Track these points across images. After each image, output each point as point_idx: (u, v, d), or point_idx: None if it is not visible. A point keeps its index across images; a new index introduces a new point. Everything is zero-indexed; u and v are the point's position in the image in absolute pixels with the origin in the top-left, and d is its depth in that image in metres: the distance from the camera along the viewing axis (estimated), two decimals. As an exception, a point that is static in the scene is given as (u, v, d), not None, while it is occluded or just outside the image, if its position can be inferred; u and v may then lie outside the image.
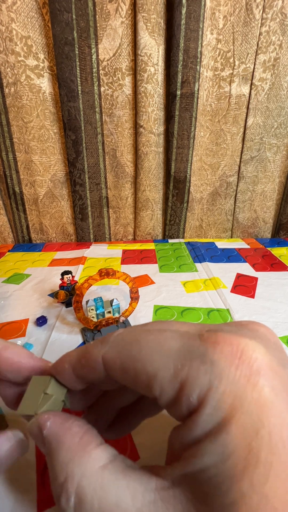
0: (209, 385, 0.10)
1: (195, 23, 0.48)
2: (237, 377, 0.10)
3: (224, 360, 0.11)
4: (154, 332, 0.13)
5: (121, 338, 0.13)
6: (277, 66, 0.51)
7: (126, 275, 0.34)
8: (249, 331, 0.13)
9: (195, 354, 0.11)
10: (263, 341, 0.12)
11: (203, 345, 0.12)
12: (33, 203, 0.62)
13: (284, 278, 0.47)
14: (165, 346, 0.12)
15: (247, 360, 0.11)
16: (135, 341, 0.13)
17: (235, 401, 0.10)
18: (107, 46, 0.50)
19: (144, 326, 0.14)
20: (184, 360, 0.11)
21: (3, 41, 0.48)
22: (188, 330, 0.13)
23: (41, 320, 0.36)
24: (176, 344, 0.12)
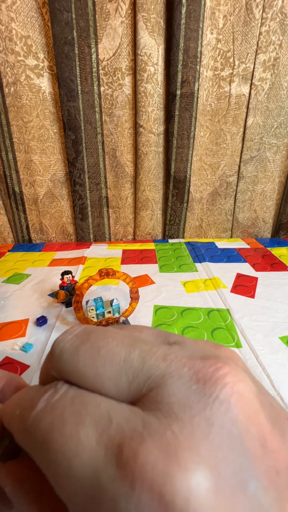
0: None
1: (195, 22, 0.48)
2: None
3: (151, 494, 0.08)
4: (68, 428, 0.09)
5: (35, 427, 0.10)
6: (277, 65, 0.51)
7: (126, 275, 0.34)
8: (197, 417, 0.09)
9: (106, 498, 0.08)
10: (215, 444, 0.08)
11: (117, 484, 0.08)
12: (33, 203, 0.62)
13: (284, 278, 0.47)
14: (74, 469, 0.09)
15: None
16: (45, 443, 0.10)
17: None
18: (107, 45, 0.50)
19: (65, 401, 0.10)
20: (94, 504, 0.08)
21: (2, 41, 0.48)
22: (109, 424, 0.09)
23: (41, 320, 0.36)
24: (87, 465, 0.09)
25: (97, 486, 0.08)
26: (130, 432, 0.09)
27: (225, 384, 0.09)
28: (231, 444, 0.08)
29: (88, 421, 0.09)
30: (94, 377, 0.10)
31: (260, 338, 0.33)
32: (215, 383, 0.09)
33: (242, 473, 0.08)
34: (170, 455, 0.08)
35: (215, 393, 0.09)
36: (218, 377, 0.09)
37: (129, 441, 0.08)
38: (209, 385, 0.09)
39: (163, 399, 0.09)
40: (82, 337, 0.11)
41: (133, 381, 0.10)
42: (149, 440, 0.08)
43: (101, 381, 0.10)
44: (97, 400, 0.10)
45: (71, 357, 0.11)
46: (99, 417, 0.09)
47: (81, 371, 0.11)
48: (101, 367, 0.10)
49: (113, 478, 0.08)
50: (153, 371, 0.10)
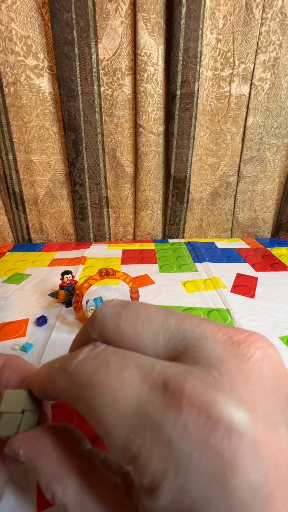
0: (162, 475, 0.08)
1: (195, 22, 0.48)
2: (199, 472, 0.08)
3: (184, 441, 0.08)
4: (113, 369, 0.10)
5: (78, 372, 0.11)
6: (277, 66, 0.51)
7: (126, 275, 0.34)
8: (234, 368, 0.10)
9: (152, 422, 0.09)
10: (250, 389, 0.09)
11: (163, 410, 0.09)
12: (33, 203, 0.62)
13: (284, 278, 0.47)
14: (120, 400, 0.10)
15: (218, 445, 0.08)
16: (90, 382, 0.10)
17: (195, 504, 0.08)
18: (107, 45, 0.50)
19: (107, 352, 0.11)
20: (138, 429, 0.09)
21: (2, 41, 0.48)
22: (152, 369, 0.10)
23: (41, 320, 0.36)
24: (132, 400, 0.09)
25: (142, 414, 0.09)
26: (173, 374, 0.10)
27: (258, 347, 0.10)
28: (264, 394, 0.09)
29: (131, 365, 0.10)
30: (134, 336, 0.12)
31: (260, 338, 0.33)
32: (249, 346, 0.10)
33: (274, 417, 0.09)
34: (214, 388, 0.09)
35: (249, 353, 0.10)
36: (251, 341, 0.11)
37: (173, 379, 0.09)
38: (243, 346, 0.10)
39: (201, 355, 0.10)
40: (122, 304, 0.13)
41: (170, 341, 0.11)
42: (193, 379, 0.09)
43: (140, 340, 0.11)
44: (137, 354, 0.11)
45: (114, 319, 0.12)
46: (141, 363, 0.10)
47: (123, 330, 0.12)
48: (141, 328, 0.12)
49: (159, 407, 0.09)
50: (189, 333, 0.11)
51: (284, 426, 0.09)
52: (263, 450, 0.08)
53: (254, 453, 0.08)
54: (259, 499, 0.08)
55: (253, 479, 0.08)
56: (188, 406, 0.09)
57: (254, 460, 0.08)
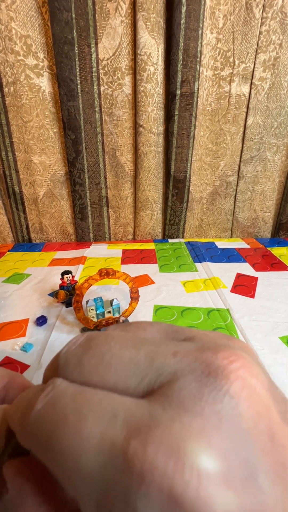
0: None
1: (195, 22, 0.47)
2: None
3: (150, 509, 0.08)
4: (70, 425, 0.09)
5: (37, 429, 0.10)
6: (277, 65, 0.51)
7: (126, 275, 0.34)
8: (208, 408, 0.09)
9: (117, 488, 0.08)
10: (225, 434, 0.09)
11: (126, 476, 0.08)
12: (32, 202, 0.62)
13: (284, 278, 0.47)
14: (82, 465, 0.09)
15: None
16: (49, 444, 0.09)
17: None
18: (106, 45, 0.50)
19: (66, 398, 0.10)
20: (105, 496, 0.08)
21: (2, 40, 0.48)
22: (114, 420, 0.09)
23: (41, 320, 0.36)
24: (95, 466, 0.09)
25: (106, 481, 0.08)
26: (136, 426, 0.09)
27: (237, 378, 0.09)
28: (240, 437, 0.08)
29: (91, 417, 0.09)
30: (101, 383, 0.10)
31: (260, 338, 0.33)
32: (226, 377, 0.09)
33: (251, 466, 0.08)
34: (179, 446, 0.08)
35: (226, 386, 0.09)
36: (230, 371, 0.09)
37: (136, 434, 0.08)
38: (220, 378, 0.09)
39: (173, 393, 0.09)
40: (84, 346, 0.11)
41: (143, 381, 0.10)
42: (157, 432, 0.08)
43: (108, 386, 0.10)
44: (99, 395, 0.10)
45: (76, 368, 0.11)
46: (102, 413, 0.09)
47: (88, 379, 0.10)
48: (106, 373, 0.10)
49: (122, 472, 0.08)
50: (164, 368, 0.10)
51: (262, 473, 0.08)
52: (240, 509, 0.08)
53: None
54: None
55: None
56: (150, 476, 0.08)
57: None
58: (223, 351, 0.10)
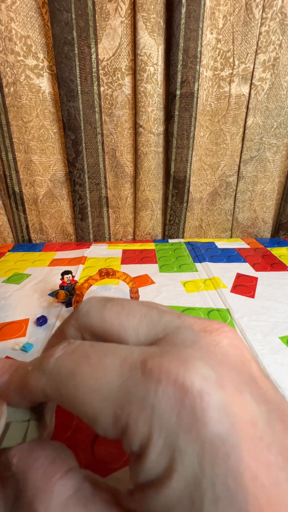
0: (149, 436, 0.10)
1: (194, 22, 0.48)
2: (178, 427, 0.10)
3: (165, 405, 0.10)
4: (93, 360, 0.11)
5: (58, 369, 0.12)
6: (276, 66, 0.51)
7: (126, 275, 0.34)
8: (205, 348, 0.12)
9: (135, 396, 0.10)
10: (218, 363, 0.11)
11: (144, 384, 0.10)
12: (32, 203, 0.62)
13: (284, 278, 0.47)
14: (103, 384, 0.11)
15: (191, 405, 0.10)
16: (71, 375, 0.11)
17: (176, 455, 0.10)
18: (106, 45, 0.50)
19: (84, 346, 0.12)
20: (124, 404, 0.10)
21: (2, 41, 0.48)
22: (131, 353, 0.11)
23: (41, 320, 0.36)
24: (115, 382, 0.11)
25: (125, 392, 0.10)
26: (150, 354, 0.11)
27: (226, 336, 0.12)
28: (229, 368, 0.11)
29: (110, 354, 0.11)
30: (118, 326, 0.13)
31: (260, 338, 0.33)
32: (219, 334, 0.12)
33: (240, 386, 0.11)
34: (187, 361, 0.11)
35: (218, 339, 0.12)
36: (221, 332, 0.13)
37: (151, 358, 0.11)
38: (214, 334, 0.12)
39: (177, 339, 0.12)
40: (106, 299, 0.14)
41: (152, 330, 0.13)
42: (168, 355, 0.11)
43: (124, 330, 0.13)
44: (115, 344, 0.12)
45: (99, 311, 0.13)
46: (120, 351, 0.12)
47: (108, 322, 0.13)
48: (125, 319, 0.13)
49: (140, 382, 0.10)
50: (169, 323, 0.13)
51: (248, 394, 0.11)
52: (230, 407, 0.10)
53: (222, 409, 0.10)
54: (228, 444, 0.09)
55: (221, 429, 0.10)
56: (166, 377, 0.10)
57: (222, 415, 0.10)
58: (218, 322, 0.13)
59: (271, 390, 0.11)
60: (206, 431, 0.09)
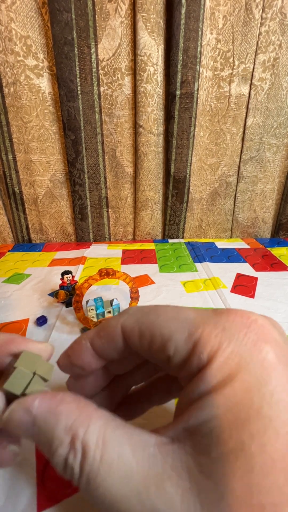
0: (219, 345, 0.12)
1: (194, 23, 0.48)
2: (245, 341, 0.12)
3: (234, 327, 0.12)
4: (171, 306, 0.14)
5: (140, 309, 0.15)
6: (276, 66, 0.51)
7: (126, 275, 0.34)
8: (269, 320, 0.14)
9: (209, 321, 0.13)
10: (272, 323, 0.13)
11: (217, 316, 0.13)
12: (32, 203, 0.62)
13: (284, 278, 0.47)
14: (181, 314, 0.13)
15: (256, 330, 0.12)
16: (153, 310, 0.14)
17: (241, 361, 0.11)
18: (106, 46, 0.50)
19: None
20: (199, 324, 0.13)
21: (2, 41, 0.48)
22: (201, 310, 0.14)
23: (41, 320, 0.36)
24: (191, 314, 0.13)
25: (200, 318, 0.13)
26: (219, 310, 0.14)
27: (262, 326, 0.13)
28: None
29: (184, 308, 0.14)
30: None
31: (260, 338, 0.33)
32: (254, 323, 0.13)
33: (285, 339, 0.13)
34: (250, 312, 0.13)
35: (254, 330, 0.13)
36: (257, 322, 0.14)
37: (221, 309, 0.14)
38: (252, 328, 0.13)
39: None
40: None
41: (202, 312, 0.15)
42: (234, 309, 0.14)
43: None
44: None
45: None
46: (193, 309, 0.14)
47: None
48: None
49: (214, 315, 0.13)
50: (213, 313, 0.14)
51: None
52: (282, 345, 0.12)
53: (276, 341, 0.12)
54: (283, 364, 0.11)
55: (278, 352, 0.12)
56: (234, 313, 0.13)
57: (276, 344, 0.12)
58: (256, 314, 0.14)
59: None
60: (267, 347, 0.11)
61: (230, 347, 0.12)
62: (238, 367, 0.11)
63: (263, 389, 0.10)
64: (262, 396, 0.10)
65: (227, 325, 0.12)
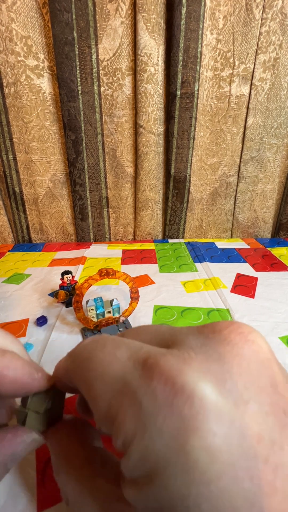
0: (133, 435, 0.09)
1: (195, 23, 0.48)
2: (164, 430, 0.09)
3: (152, 405, 0.09)
4: (107, 349, 0.12)
5: (80, 352, 0.13)
6: (277, 66, 0.51)
7: (126, 275, 0.34)
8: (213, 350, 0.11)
9: (129, 390, 0.10)
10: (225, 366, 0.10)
11: (139, 379, 0.10)
12: (33, 203, 0.62)
13: (284, 278, 0.47)
14: (108, 372, 0.11)
15: (181, 406, 0.09)
16: (88, 358, 0.12)
17: (159, 461, 0.09)
18: (107, 46, 0.50)
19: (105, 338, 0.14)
20: (118, 396, 0.10)
21: (3, 41, 0.48)
22: (140, 349, 0.12)
23: (41, 320, 0.36)
24: (118, 372, 0.11)
25: (123, 384, 0.10)
26: (155, 353, 0.11)
27: (239, 333, 0.11)
28: (239, 372, 0.10)
29: (123, 347, 0.12)
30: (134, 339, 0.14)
31: (260, 338, 0.33)
32: (230, 332, 0.12)
33: (247, 395, 0.09)
34: (185, 363, 0.10)
35: (229, 338, 0.11)
36: (233, 328, 0.12)
37: (154, 356, 0.11)
38: (225, 333, 0.12)
39: (185, 344, 0.12)
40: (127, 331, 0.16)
41: (162, 341, 0.13)
42: (170, 356, 0.11)
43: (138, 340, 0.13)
44: (131, 340, 0.13)
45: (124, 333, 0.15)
46: (133, 346, 0.12)
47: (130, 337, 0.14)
48: (138, 337, 0.14)
49: (137, 377, 0.10)
50: (179, 333, 0.13)
51: (256, 404, 0.09)
52: (227, 419, 0.09)
53: (216, 419, 0.08)
54: (218, 465, 0.08)
55: (212, 443, 0.08)
56: (159, 375, 0.10)
57: (215, 425, 0.08)
58: (229, 321, 0.12)
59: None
60: (193, 442, 0.08)
61: (145, 440, 0.09)
62: (155, 469, 0.09)
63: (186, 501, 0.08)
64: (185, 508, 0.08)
65: (145, 398, 0.09)
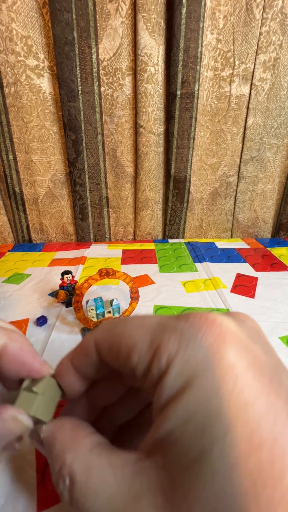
0: (177, 351, 0.12)
1: (195, 23, 0.48)
2: (202, 343, 0.11)
3: (192, 330, 0.12)
4: (138, 316, 0.14)
5: (110, 321, 0.15)
6: (277, 66, 0.51)
7: (126, 275, 0.34)
8: (232, 316, 0.14)
9: (169, 326, 0.13)
10: (241, 323, 0.13)
11: (177, 320, 0.13)
12: (33, 203, 0.62)
13: (284, 278, 0.47)
14: (145, 323, 0.13)
15: (213, 330, 0.12)
16: (121, 322, 0.14)
17: (198, 366, 0.11)
18: (107, 46, 0.50)
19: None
20: (159, 331, 0.13)
21: (3, 41, 0.48)
22: (165, 316, 0.14)
23: (41, 320, 0.36)
24: (154, 321, 0.13)
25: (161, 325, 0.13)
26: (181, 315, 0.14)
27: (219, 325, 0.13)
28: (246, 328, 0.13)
29: (149, 316, 0.14)
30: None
31: (260, 338, 0.33)
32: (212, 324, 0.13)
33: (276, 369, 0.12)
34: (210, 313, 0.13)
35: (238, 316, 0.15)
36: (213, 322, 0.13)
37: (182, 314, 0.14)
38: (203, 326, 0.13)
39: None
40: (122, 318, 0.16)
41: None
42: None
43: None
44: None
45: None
46: (156, 315, 0.14)
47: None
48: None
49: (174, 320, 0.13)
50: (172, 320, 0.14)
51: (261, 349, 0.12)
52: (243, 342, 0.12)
53: (236, 339, 0.12)
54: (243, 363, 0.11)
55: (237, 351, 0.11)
56: (194, 315, 0.13)
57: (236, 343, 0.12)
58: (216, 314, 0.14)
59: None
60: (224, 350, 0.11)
61: (187, 352, 0.11)
62: (195, 373, 0.11)
63: (221, 392, 0.10)
64: (220, 400, 0.10)
65: (185, 328, 0.12)
